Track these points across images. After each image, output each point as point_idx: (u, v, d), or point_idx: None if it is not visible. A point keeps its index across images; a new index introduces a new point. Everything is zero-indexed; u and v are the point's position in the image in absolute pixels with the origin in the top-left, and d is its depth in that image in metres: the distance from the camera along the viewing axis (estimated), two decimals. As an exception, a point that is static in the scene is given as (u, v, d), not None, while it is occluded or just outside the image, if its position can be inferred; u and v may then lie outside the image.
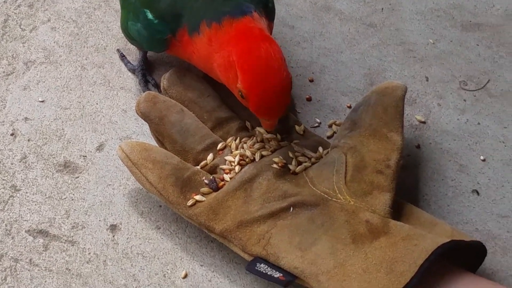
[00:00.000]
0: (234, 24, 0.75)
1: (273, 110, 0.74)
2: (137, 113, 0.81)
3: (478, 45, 0.98)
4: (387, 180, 0.75)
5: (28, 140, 0.87)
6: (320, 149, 0.81)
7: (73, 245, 0.79)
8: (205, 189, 0.76)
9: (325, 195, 0.74)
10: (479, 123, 0.90)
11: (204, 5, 0.78)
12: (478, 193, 0.84)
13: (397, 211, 0.75)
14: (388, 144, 0.78)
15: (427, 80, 0.94)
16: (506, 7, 1.03)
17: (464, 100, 0.92)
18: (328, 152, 0.80)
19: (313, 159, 0.80)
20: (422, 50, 0.98)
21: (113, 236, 0.80)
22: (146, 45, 0.86)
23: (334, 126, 0.88)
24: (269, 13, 0.82)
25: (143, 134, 0.87)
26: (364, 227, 0.71)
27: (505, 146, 0.88)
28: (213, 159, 0.79)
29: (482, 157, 0.87)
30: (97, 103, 0.91)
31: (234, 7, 0.77)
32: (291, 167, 0.78)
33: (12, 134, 0.87)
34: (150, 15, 0.82)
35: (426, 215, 0.76)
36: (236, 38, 0.74)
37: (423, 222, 0.75)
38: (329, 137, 0.87)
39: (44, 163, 0.85)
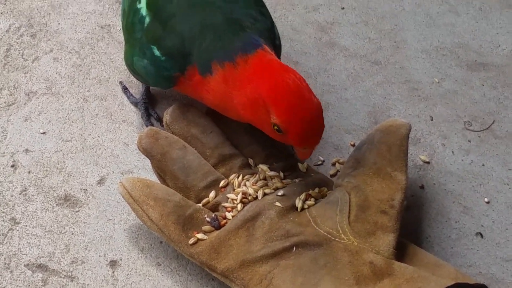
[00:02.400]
0: (249, 60, 0.75)
1: (314, 136, 0.74)
2: (139, 149, 0.81)
3: (483, 85, 0.98)
4: (391, 221, 0.75)
5: (29, 172, 0.86)
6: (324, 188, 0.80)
7: (72, 281, 0.78)
8: (207, 227, 0.76)
9: (328, 235, 0.74)
10: (483, 165, 0.90)
11: (212, 44, 0.78)
12: (482, 236, 0.83)
13: (400, 252, 0.75)
14: (392, 183, 0.77)
15: (432, 120, 0.94)
16: (511, 47, 1.03)
17: (469, 141, 0.92)
18: (331, 191, 0.79)
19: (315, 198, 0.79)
20: (427, 89, 0.97)
21: (113, 272, 0.79)
22: (152, 81, 0.85)
23: (337, 164, 0.87)
24: (276, 50, 0.82)
25: (145, 169, 0.87)
26: (368, 268, 0.70)
27: (510, 188, 0.88)
28: (215, 196, 0.79)
29: (486, 199, 0.86)
30: (98, 136, 0.90)
31: (243, 41, 0.77)
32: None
33: (12, 166, 0.87)
34: (157, 52, 0.81)
35: (430, 256, 0.75)
36: (258, 75, 0.74)
37: (427, 263, 0.74)
38: (332, 175, 0.87)
39: (44, 196, 0.84)
